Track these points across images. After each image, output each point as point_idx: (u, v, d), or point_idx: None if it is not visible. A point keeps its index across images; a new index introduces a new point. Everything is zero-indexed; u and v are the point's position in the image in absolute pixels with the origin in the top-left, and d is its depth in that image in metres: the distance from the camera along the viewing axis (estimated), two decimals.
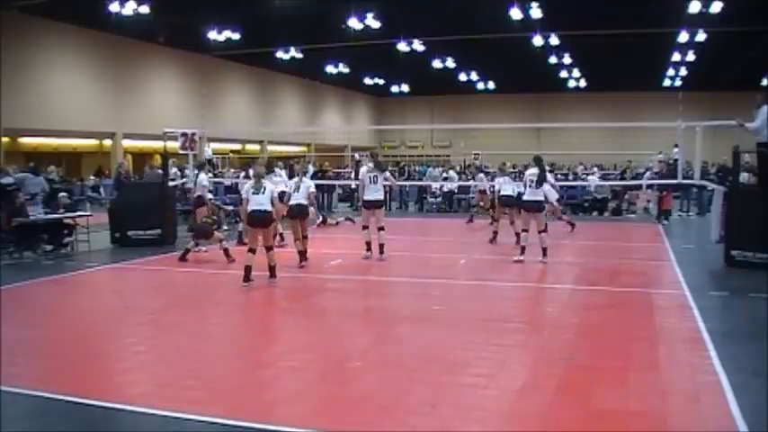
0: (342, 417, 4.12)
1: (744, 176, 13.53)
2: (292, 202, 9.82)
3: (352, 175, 19.40)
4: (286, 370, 5.14)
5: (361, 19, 20.18)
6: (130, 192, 13.19)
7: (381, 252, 10.21)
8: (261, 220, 8.39)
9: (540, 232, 9.99)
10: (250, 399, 4.47)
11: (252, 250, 8.40)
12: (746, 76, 24.53)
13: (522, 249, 10.13)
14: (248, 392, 4.63)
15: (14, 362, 5.07)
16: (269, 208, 8.37)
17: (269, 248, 8.51)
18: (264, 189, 8.42)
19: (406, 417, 4.10)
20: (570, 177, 21.66)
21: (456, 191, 20.56)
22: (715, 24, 19.82)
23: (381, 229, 10.26)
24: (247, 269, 8.27)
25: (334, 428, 3.95)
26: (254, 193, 8.42)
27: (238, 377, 5.01)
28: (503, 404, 4.30)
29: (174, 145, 13.84)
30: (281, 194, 9.71)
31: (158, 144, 19.07)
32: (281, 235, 11.47)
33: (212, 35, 22.01)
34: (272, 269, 8.49)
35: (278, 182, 10.26)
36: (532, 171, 10.06)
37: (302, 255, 9.77)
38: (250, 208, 8.41)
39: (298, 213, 9.83)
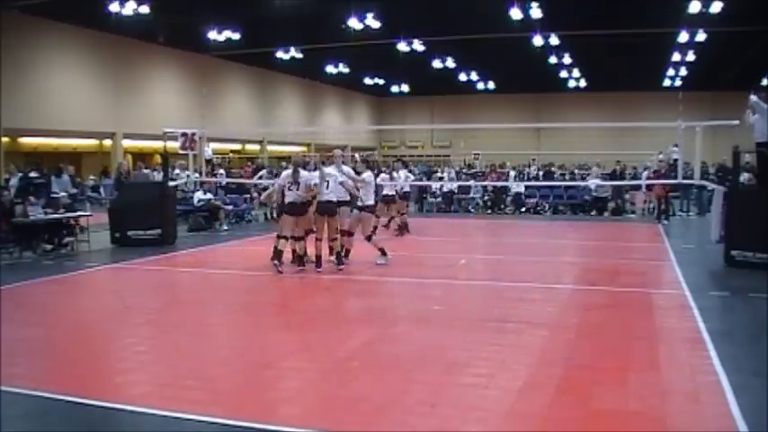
0: (341, 417, 4.12)
1: (744, 176, 13.53)
2: (323, 198, 9.20)
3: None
4: (286, 370, 5.15)
5: (361, 19, 20.13)
6: (130, 192, 13.15)
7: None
8: (294, 210, 9.11)
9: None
10: (250, 399, 4.47)
11: (284, 237, 9.14)
12: (746, 76, 24.45)
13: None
14: (248, 392, 4.62)
15: (14, 362, 5.07)
16: (298, 201, 9.15)
17: (306, 233, 9.38)
18: (299, 183, 9.02)
19: (405, 417, 4.10)
20: (567, 177, 21.63)
21: (456, 191, 20.75)
22: (715, 24, 19.78)
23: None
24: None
25: (334, 428, 3.95)
26: (288, 189, 9.09)
27: (238, 377, 5.00)
28: (503, 404, 4.29)
29: (174, 145, 13.85)
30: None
31: (158, 144, 19.07)
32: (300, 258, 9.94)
33: (212, 35, 21.95)
34: (300, 258, 9.28)
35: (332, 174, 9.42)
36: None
37: (338, 256, 9.42)
38: (287, 200, 9.16)
39: (324, 211, 9.25)
